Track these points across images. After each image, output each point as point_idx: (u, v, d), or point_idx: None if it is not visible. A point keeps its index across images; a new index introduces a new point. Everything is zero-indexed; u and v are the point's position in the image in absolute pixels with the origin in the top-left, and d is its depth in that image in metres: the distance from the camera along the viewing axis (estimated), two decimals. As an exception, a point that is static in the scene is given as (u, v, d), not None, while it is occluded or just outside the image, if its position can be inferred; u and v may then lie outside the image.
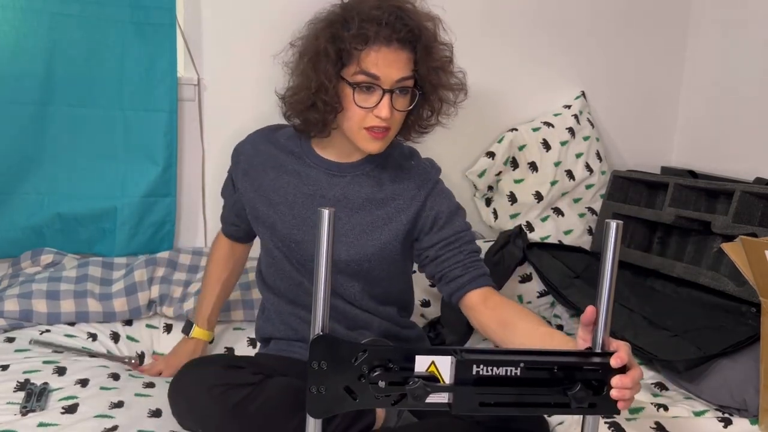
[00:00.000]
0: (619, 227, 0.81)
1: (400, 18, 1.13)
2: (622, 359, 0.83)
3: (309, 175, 1.28)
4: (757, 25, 2.02)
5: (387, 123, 1.16)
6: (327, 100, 1.16)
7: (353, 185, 1.27)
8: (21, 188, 1.72)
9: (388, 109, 1.14)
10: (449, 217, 1.27)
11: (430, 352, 0.80)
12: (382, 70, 1.13)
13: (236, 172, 1.36)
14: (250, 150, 1.35)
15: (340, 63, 1.16)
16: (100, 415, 1.16)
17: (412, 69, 1.16)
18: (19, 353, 1.39)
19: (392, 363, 0.80)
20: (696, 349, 1.44)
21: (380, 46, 1.13)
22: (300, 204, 1.27)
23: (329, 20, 1.18)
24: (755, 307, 1.54)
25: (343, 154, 1.28)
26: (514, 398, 0.83)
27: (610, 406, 0.84)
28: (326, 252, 0.78)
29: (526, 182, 2.05)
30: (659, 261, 1.85)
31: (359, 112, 1.16)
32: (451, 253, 1.25)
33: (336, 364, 0.80)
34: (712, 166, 2.12)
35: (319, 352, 0.79)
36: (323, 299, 0.80)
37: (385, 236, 1.26)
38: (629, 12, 2.21)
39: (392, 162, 1.30)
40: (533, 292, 1.91)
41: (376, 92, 1.15)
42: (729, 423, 1.30)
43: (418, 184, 1.28)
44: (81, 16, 1.66)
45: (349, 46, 1.13)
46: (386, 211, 1.27)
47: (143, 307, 1.65)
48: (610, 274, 0.83)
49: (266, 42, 1.87)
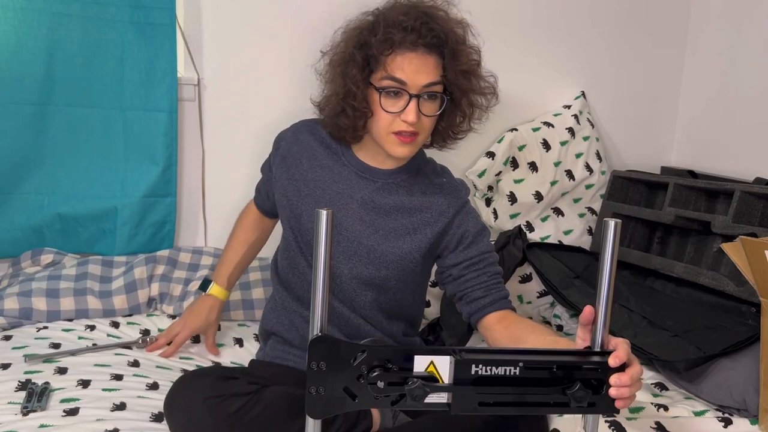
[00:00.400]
0: (618, 226, 0.82)
1: (426, 23, 1.14)
2: (620, 358, 0.83)
3: (341, 174, 1.29)
4: (757, 25, 2.02)
5: (414, 128, 1.16)
6: (356, 106, 1.17)
7: (382, 191, 1.27)
8: (21, 188, 1.72)
9: (414, 113, 1.14)
10: (475, 237, 1.27)
11: (429, 352, 0.80)
12: (408, 75, 1.14)
13: (275, 157, 1.38)
14: (290, 137, 1.36)
15: (368, 69, 1.17)
16: (101, 418, 1.16)
17: (440, 74, 1.17)
18: (19, 351, 1.39)
19: (391, 363, 0.80)
20: (696, 349, 1.44)
21: (406, 51, 1.14)
22: (327, 200, 1.27)
23: (358, 27, 1.20)
24: (755, 307, 1.54)
25: (377, 160, 1.28)
26: (514, 398, 0.83)
27: (609, 404, 0.84)
28: (324, 253, 0.79)
29: (526, 182, 2.05)
30: (659, 261, 1.85)
31: (387, 117, 1.16)
32: (474, 274, 1.26)
33: (335, 365, 0.80)
34: (712, 166, 2.12)
35: (318, 352, 0.79)
36: (322, 300, 0.80)
37: (407, 245, 1.26)
38: (629, 12, 2.21)
39: (424, 176, 1.31)
40: (533, 292, 1.91)
41: (403, 97, 1.15)
42: (729, 423, 1.30)
43: (449, 200, 1.29)
44: (81, 16, 1.67)
45: (375, 52, 1.14)
46: (412, 221, 1.27)
47: (143, 304, 1.66)
48: (609, 273, 0.83)
49: (266, 42, 1.88)
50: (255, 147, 1.89)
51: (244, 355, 1.55)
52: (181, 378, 1.17)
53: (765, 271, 1.20)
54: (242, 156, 1.89)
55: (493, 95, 1.27)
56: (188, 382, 1.14)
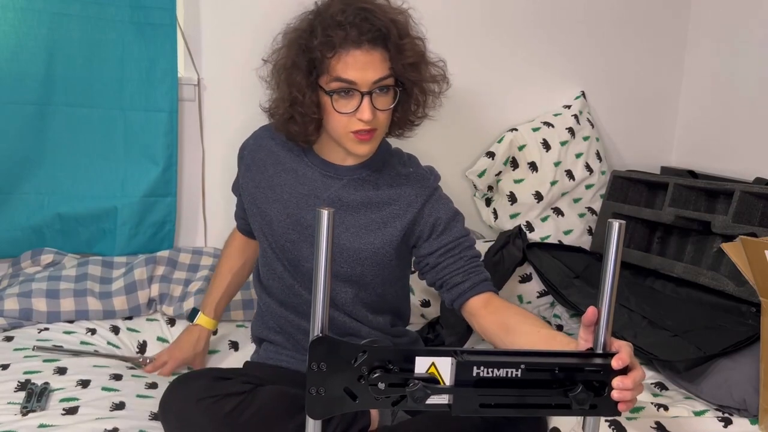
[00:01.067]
0: (622, 227, 0.81)
1: (366, 18, 1.11)
2: (623, 360, 0.82)
3: (305, 175, 1.28)
4: (756, 26, 2.02)
5: (371, 125, 1.15)
6: (304, 112, 1.16)
7: (349, 188, 1.26)
8: (21, 188, 1.72)
9: (369, 111, 1.12)
10: (448, 224, 1.25)
11: (430, 353, 0.80)
12: (356, 74, 1.11)
13: (240, 167, 1.37)
14: (252, 145, 1.36)
15: (315, 72, 1.15)
16: (100, 417, 1.15)
17: (388, 67, 1.14)
18: (19, 352, 1.39)
19: (392, 364, 0.79)
20: (696, 349, 1.44)
21: (350, 49, 1.11)
22: (294, 204, 1.27)
23: (297, 31, 1.18)
24: (755, 307, 1.54)
25: (339, 156, 1.27)
26: (515, 399, 0.82)
27: (611, 407, 0.83)
28: (325, 253, 0.78)
29: (526, 182, 2.05)
30: (659, 261, 1.85)
31: (342, 119, 1.15)
32: (451, 260, 1.24)
33: (335, 366, 0.79)
34: (712, 166, 2.12)
35: (318, 353, 0.79)
36: (323, 301, 0.79)
37: (379, 240, 1.25)
38: (629, 12, 2.21)
39: (390, 168, 1.29)
40: (533, 292, 1.91)
41: (355, 96, 1.13)
42: (729, 423, 1.30)
43: (417, 190, 1.27)
44: (81, 16, 1.67)
45: (319, 55, 1.12)
46: (381, 215, 1.26)
47: (143, 305, 1.66)
48: (612, 274, 0.82)
49: (266, 42, 1.88)
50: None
51: (240, 357, 1.55)
52: (175, 380, 1.16)
53: (765, 271, 1.20)
54: (242, 156, 1.89)
55: (444, 81, 1.25)
56: (182, 384, 1.13)
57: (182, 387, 1.13)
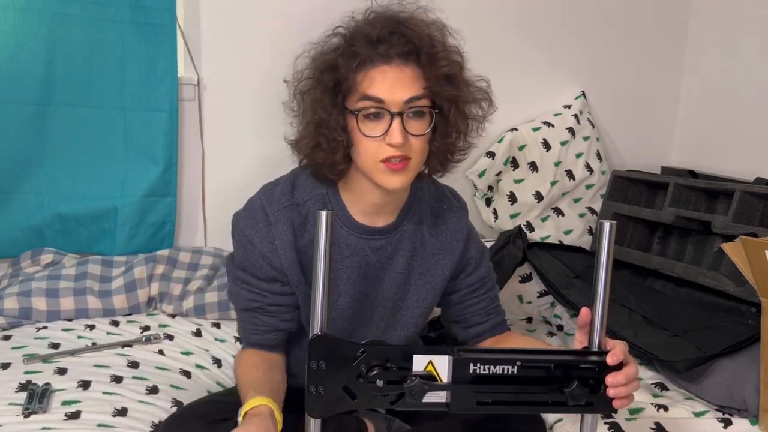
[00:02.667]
0: (613, 227, 0.83)
1: (396, 30, 1.00)
2: (617, 356, 0.83)
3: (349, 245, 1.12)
4: (757, 26, 2.02)
5: (403, 151, 0.99)
6: (329, 136, 1.02)
7: (398, 251, 1.14)
8: (21, 188, 1.72)
9: (400, 133, 0.97)
10: (478, 263, 1.21)
11: (427, 352, 0.81)
12: (385, 92, 0.98)
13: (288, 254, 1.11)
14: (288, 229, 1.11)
15: (341, 93, 1.02)
16: (102, 424, 1.15)
17: (422, 87, 1.01)
18: (19, 351, 1.39)
19: (390, 362, 0.81)
20: (696, 349, 1.44)
21: (378, 65, 0.99)
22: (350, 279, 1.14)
23: (322, 49, 1.06)
24: (755, 307, 1.54)
25: (369, 214, 1.11)
26: (512, 397, 0.83)
27: (606, 404, 0.85)
28: (324, 254, 0.80)
29: (526, 182, 2.05)
30: (659, 261, 1.85)
31: (370, 145, 1.00)
32: (475, 300, 1.21)
33: (335, 364, 0.80)
34: (712, 166, 2.12)
35: (318, 351, 0.80)
36: (321, 300, 0.81)
37: (430, 295, 1.18)
38: (629, 12, 2.21)
39: (426, 211, 1.17)
40: (533, 292, 1.91)
41: (385, 118, 0.99)
42: (729, 423, 1.30)
43: (456, 234, 1.18)
44: (81, 16, 1.66)
45: (345, 71, 1.00)
46: (426, 267, 1.17)
47: (143, 304, 1.66)
48: (605, 274, 0.84)
49: (266, 42, 1.88)
50: (255, 147, 1.89)
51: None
52: (170, 420, 1.09)
53: (765, 271, 1.20)
54: (242, 156, 1.89)
55: (488, 102, 1.11)
56: (176, 428, 1.06)
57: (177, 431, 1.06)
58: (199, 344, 1.56)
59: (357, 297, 1.14)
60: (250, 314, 1.13)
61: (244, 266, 1.11)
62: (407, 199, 1.14)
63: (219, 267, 1.82)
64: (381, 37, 1.00)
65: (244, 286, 1.12)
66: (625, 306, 1.70)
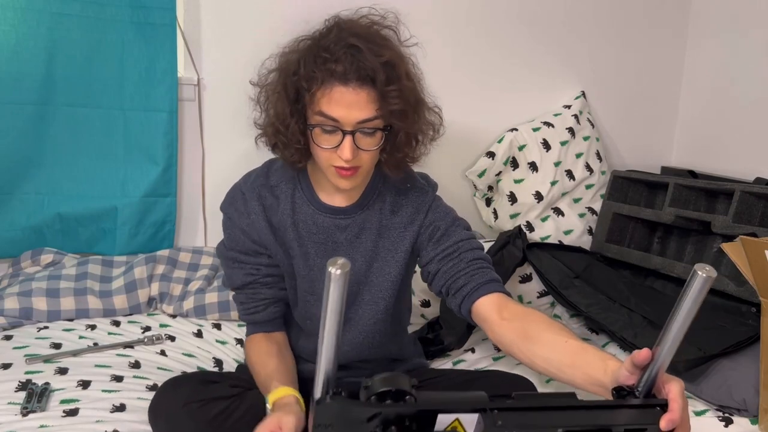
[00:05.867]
0: (709, 281, 0.73)
1: (355, 56, 1.04)
2: (673, 421, 0.74)
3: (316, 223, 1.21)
4: (757, 26, 2.02)
5: (353, 163, 1.08)
6: (287, 141, 1.12)
7: (364, 230, 1.22)
8: (21, 188, 1.72)
9: (349, 150, 1.06)
10: (446, 230, 1.21)
11: (454, 410, 0.71)
12: (340, 112, 1.04)
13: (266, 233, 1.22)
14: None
15: (301, 102, 1.09)
16: (100, 420, 1.15)
17: (376, 108, 1.06)
18: (20, 351, 1.39)
19: (409, 422, 0.70)
20: (696, 350, 1.44)
21: (335, 86, 1.04)
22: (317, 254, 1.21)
23: (288, 58, 1.12)
24: (755, 307, 1.54)
25: (334, 196, 1.20)
26: None
27: None
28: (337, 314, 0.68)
29: (526, 182, 2.05)
30: (659, 261, 1.85)
31: (324, 153, 1.09)
32: (451, 263, 1.18)
33: (345, 426, 0.70)
34: (712, 166, 2.12)
35: (325, 416, 0.70)
36: (326, 362, 0.70)
37: (395, 270, 1.23)
38: (629, 12, 2.21)
39: (391, 190, 1.23)
40: (533, 292, 1.91)
41: (338, 134, 1.06)
42: (729, 422, 1.30)
43: (417, 205, 1.23)
44: (81, 16, 1.67)
45: (306, 85, 1.06)
46: (391, 241, 1.22)
47: (143, 304, 1.67)
48: (682, 322, 0.75)
49: (266, 42, 1.88)
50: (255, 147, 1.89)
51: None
52: (164, 384, 1.15)
53: (765, 271, 1.20)
54: (242, 156, 1.89)
55: (437, 129, 1.18)
56: (170, 388, 1.13)
57: (170, 391, 1.12)
58: (201, 345, 1.56)
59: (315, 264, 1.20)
60: (250, 290, 1.23)
61: (231, 246, 1.22)
62: (372, 180, 1.22)
63: (219, 267, 1.82)
64: (341, 60, 1.04)
65: (235, 265, 1.22)
66: (625, 306, 1.70)
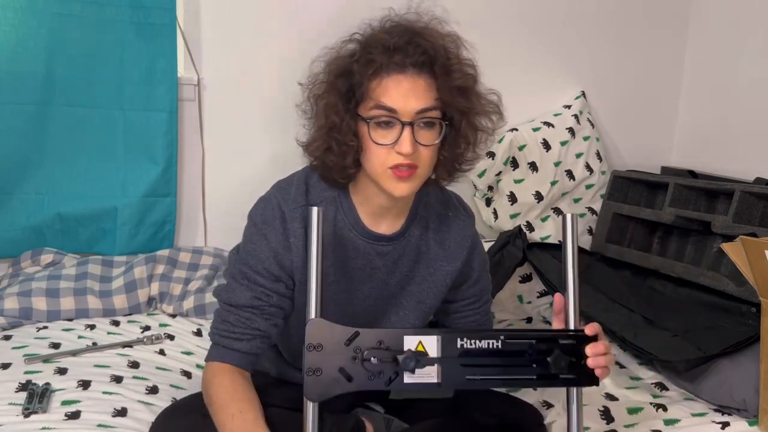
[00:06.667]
0: (575, 219, 0.97)
1: (412, 40, 1.01)
2: (595, 328, 0.93)
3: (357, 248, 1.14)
4: (757, 26, 2.02)
5: (411, 160, 1.01)
6: (341, 140, 1.03)
7: (403, 256, 1.16)
8: (21, 188, 1.72)
9: (409, 143, 0.99)
10: (479, 275, 1.24)
11: (417, 333, 0.90)
12: (397, 101, 0.99)
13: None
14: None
15: (354, 99, 1.03)
16: (102, 424, 1.15)
17: (434, 98, 1.02)
18: (19, 351, 1.39)
19: (383, 343, 0.88)
20: (696, 350, 1.44)
21: (393, 74, 1.00)
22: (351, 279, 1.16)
23: (338, 54, 1.07)
24: (755, 307, 1.54)
25: (378, 220, 1.13)
26: (498, 371, 0.91)
27: (590, 376, 0.93)
28: (317, 247, 0.92)
29: (526, 182, 2.05)
30: (659, 261, 1.85)
31: (380, 151, 1.01)
32: (470, 312, 1.25)
33: (331, 346, 0.88)
34: (712, 166, 2.12)
35: (315, 334, 0.87)
36: (316, 286, 0.91)
37: (430, 299, 1.20)
38: (629, 12, 2.21)
39: (432, 216, 1.18)
40: (533, 292, 1.91)
41: (396, 126, 1.00)
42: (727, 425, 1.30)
43: (460, 242, 1.19)
44: (81, 16, 1.67)
45: (359, 78, 1.01)
46: (429, 271, 1.18)
47: (143, 304, 1.67)
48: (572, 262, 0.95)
49: (266, 42, 1.88)
50: (255, 147, 1.89)
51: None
52: (162, 414, 1.11)
53: (765, 271, 1.20)
54: (242, 156, 1.89)
55: (498, 115, 1.12)
56: (169, 421, 1.08)
57: (170, 424, 1.08)
58: (200, 344, 1.55)
59: (361, 297, 1.15)
60: (246, 314, 1.08)
61: (250, 262, 1.09)
62: (414, 204, 1.15)
63: (219, 267, 1.82)
64: (397, 46, 1.00)
65: (245, 283, 1.09)
66: (625, 306, 1.70)
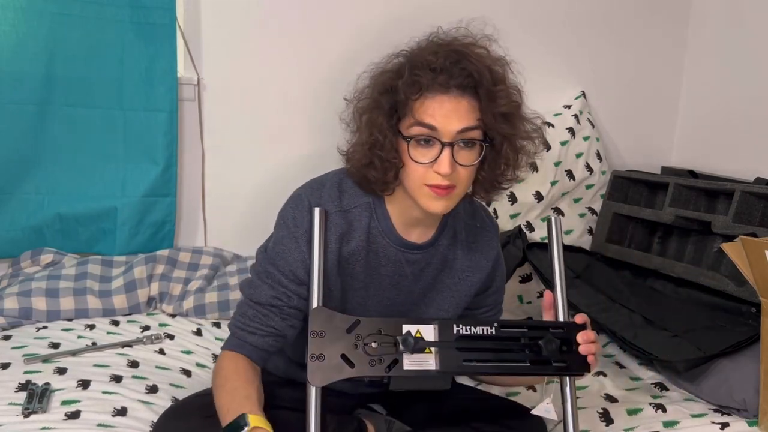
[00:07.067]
0: (559, 221, 1.09)
1: (458, 62, 1.02)
2: (583, 317, 1.00)
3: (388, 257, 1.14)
4: (757, 25, 2.02)
5: (449, 180, 1.01)
6: (383, 157, 1.04)
7: (430, 264, 1.17)
8: (21, 188, 1.72)
9: (448, 164, 0.99)
10: (498, 287, 1.26)
11: (415, 322, 0.96)
12: (439, 120, 1.00)
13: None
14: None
15: (396, 116, 1.04)
16: (102, 424, 1.15)
17: (476, 118, 1.02)
18: (19, 351, 1.39)
19: (383, 331, 0.94)
20: (696, 350, 1.44)
21: (436, 94, 1.01)
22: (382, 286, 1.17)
23: (384, 71, 1.08)
24: (755, 307, 1.54)
25: (412, 229, 1.14)
26: (493, 356, 0.96)
27: (581, 363, 0.98)
28: (319, 243, 1.01)
29: (526, 182, 2.05)
30: (659, 261, 1.85)
31: (419, 169, 1.02)
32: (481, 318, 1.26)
33: (333, 333, 0.93)
34: (712, 166, 2.12)
35: (318, 321, 0.93)
36: (318, 277, 0.98)
37: (452, 308, 1.21)
38: (630, 12, 2.21)
39: (460, 226, 1.20)
40: (533, 292, 1.91)
41: (435, 145, 1.00)
42: (726, 426, 1.30)
43: (486, 254, 1.21)
44: (81, 16, 1.67)
45: (403, 96, 1.02)
46: (454, 281, 1.20)
47: (143, 304, 1.67)
48: (558, 259, 1.07)
49: (266, 42, 1.88)
50: (255, 147, 1.89)
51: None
52: (164, 416, 1.11)
53: (765, 271, 1.20)
54: (242, 156, 1.89)
55: (540, 138, 1.13)
56: (171, 422, 1.08)
57: (172, 425, 1.08)
58: (200, 343, 1.56)
59: (385, 303, 1.16)
60: (265, 311, 1.08)
61: (277, 262, 1.08)
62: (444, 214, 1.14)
63: (219, 267, 1.83)
64: (443, 67, 1.01)
65: (269, 281, 1.08)
66: (625, 306, 1.70)
